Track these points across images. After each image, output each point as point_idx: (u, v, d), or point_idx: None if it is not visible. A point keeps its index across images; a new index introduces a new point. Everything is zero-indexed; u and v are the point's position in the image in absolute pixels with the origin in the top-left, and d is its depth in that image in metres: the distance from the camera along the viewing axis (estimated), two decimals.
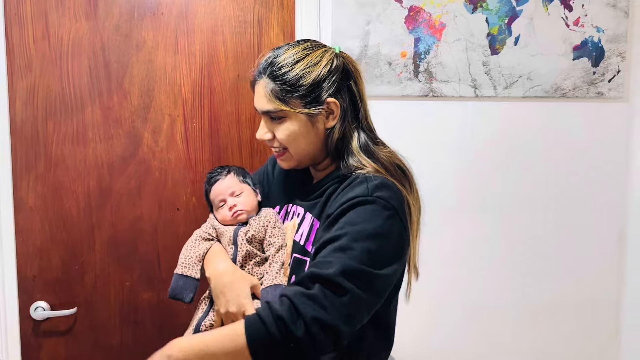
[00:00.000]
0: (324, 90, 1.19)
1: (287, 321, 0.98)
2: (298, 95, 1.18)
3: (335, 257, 1.04)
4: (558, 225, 1.99)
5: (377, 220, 1.08)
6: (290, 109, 1.18)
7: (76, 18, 1.75)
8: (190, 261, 1.27)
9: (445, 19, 1.85)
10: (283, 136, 1.21)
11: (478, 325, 1.99)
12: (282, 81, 1.18)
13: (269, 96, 1.19)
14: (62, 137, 1.77)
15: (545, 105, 1.93)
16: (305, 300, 1.00)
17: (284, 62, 1.19)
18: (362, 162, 1.19)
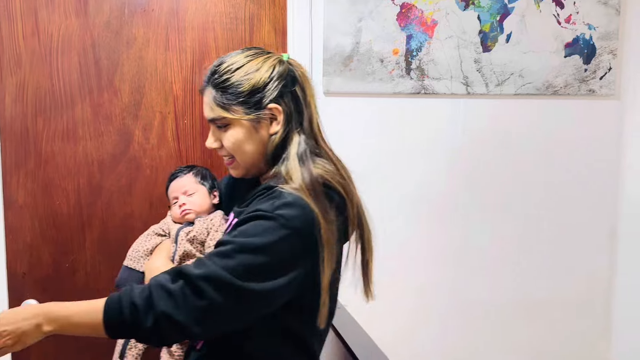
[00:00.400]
0: (265, 96, 1.19)
1: (140, 309, 1.00)
2: (239, 102, 1.18)
3: (212, 261, 1.05)
4: (549, 223, 1.99)
5: (268, 237, 1.07)
6: (232, 116, 1.18)
7: (66, 15, 1.73)
8: (137, 254, 1.30)
9: (437, 16, 1.85)
10: (228, 144, 1.21)
11: (469, 322, 1.99)
12: (223, 88, 1.18)
13: (212, 104, 1.19)
14: (52, 134, 1.76)
15: (536, 102, 1.94)
16: (163, 293, 1.01)
17: (225, 70, 1.19)
18: (291, 171, 1.16)
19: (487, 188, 1.95)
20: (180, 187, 1.37)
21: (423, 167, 1.92)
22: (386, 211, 1.92)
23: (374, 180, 1.90)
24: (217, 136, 1.23)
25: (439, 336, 1.98)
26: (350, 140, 1.87)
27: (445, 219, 1.95)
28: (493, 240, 1.98)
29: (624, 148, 2.00)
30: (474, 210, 1.96)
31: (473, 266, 1.98)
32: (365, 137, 1.88)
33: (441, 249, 1.96)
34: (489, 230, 1.97)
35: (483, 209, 1.96)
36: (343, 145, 1.85)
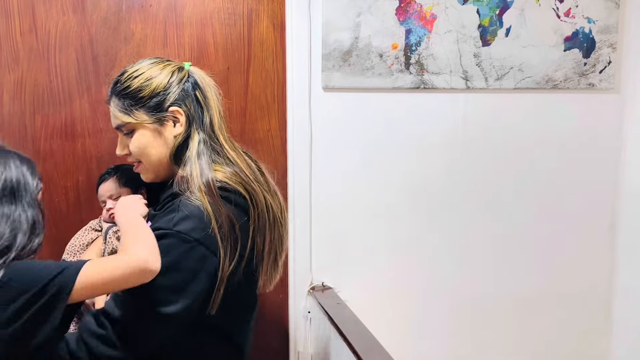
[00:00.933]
0: (166, 99, 1.25)
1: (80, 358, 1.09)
2: (140, 106, 1.24)
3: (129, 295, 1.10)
4: (549, 216, 1.99)
5: (172, 256, 1.12)
6: (135, 120, 1.24)
7: (63, 11, 1.72)
8: (74, 249, 1.37)
9: (436, 10, 1.84)
10: (134, 148, 1.26)
11: (469, 318, 2.00)
12: (125, 95, 1.25)
13: (116, 112, 1.27)
14: (51, 131, 1.75)
15: (536, 96, 1.93)
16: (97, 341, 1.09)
17: (126, 78, 1.26)
18: (192, 173, 1.20)
19: (486, 182, 1.95)
20: (106, 192, 1.46)
21: (422, 161, 1.91)
22: (385, 206, 1.91)
23: (372, 176, 1.90)
24: (124, 143, 1.29)
25: (440, 333, 1.98)
26: (349, 135, 1.87)
27: (445, 214, 1.95)
28: (492, 235, 1.98)
29: (624, 141, 2.00)
30: (473, 205, 1.96)
31: (473, 262, 1.98)
32: (365, 132, 1.88)
33: (440, 244, 1.96)
34: (489, 224, 1.97)
35: (483, 204, 1.96)
36: (342, 141, 1.86)
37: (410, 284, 1.95)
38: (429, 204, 1.93)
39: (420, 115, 1.89)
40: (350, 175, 1.88)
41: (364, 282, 1.91)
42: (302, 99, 1.84)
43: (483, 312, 2.00)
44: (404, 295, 1.94)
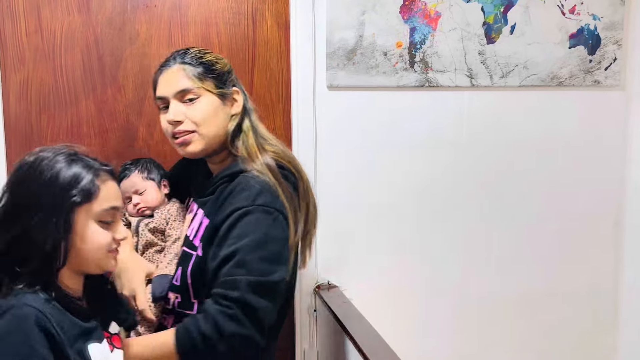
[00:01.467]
0: (230, 79, 1.34)
1: (212, 337, 1.12)
2: (212, 76, 1.30)
3: (238, 275, 1.15)
4: (554, 214, 1.99)
5: (262, 228, 1.18)
6: (206, 88, 1.28)
7: (69, 11, 1.73)
8: None
9: (440, 8, 1.84)
10: (198, 114, 1.27)
11: (474, 316, 1.99)
12: (198, 63, 1.29)
13: (185, 76, 1.28)
14: (57, 132, 1.76)
15: (541, 94, 1.93)
16: (227, 320, 1.13)
17: (197, 51, 1.33)
18: (251, 154, 1.29)
19: (491, 180, 1.95)
20: (130, 187, 1.44)
21: (427, 160, 1.91)
22: (390, 205, 1.91)
23: (376, 174, 1.90)
24: (181, 111, 1.28)
25: (444, 331, 1.98)
26: (354, 134, 1.87)
27: (450, 212, 1.95)
28: (497, 233, 1.98)
29: (630, 138, 1.99)
30: (478, 203, 1.95)
31: (477, 260, 1.98)
32: (369, 130, 1.88)
33: (445, 243, 1.95)
34: (493, 223, 1.97)
35: (487, 202, 1.96)
36: (347, 139, 1.87)
37: (415, 283, 1.95)
38: (434, 203, 1.93)
39: (424, 114, 1.89)
40: (355, 174, 1.89)
41: (369, 280, 1.91)
42: (306, 98, 1.84)
43: (488, 311, 2.00)
44: (409, 293, 1.94)
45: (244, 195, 1.21)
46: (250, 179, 1.24)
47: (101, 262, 1.04)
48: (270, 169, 1.26)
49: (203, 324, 1.13)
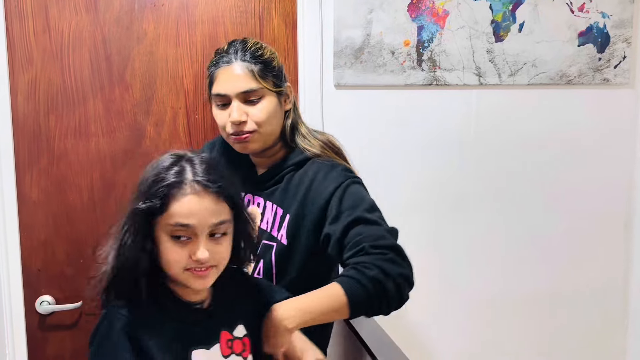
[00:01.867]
0: (284, 75, 1.35)
1: (381, 280, 1.15)
2: (272, 74, 1.30)
3: (379, 230, 1.23)
4: (564, 214, 1.98)
5: (366, 195, 1.30)
6: (269, 88, 1.29)
7: (76, 11, 1.73)
8: None
9: (448, 6, 1.83)
10: (262, 114, 1.29)
11: (484, 316, 1.99)
12: (260, 61, 1.28)
13: (250, 77, 1.27)
14: (65, 131, 1.76)
15: (550, 92, 1.92)
16: (388, 263, 1.18)
17: (256, 46, 1.31)
18: (312, 144, 1.36)
19: (499, 179, 1.94)
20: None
21: (435, 158, 1.90)
22: (397, 204, 1.90)
23: (384, 173, 1.89)
24: (244, 111, 1.29)
25: (454, 331, 1.98)
26: (362, 133, 1.87)
27: (458, 212, 1.94)
28: (505, 233, 1.97)
29: (639, 137, 1.97)
30: (486, 203, 1.94)
31: (486, 260, 1.97)
32: (377, 129, 1.87)
33: (453, 242, 1.95)
34: (502, 222, 1.96)
35: (496, 201, 1.95)
36: (354, 138, 1.86)
37: (423, 282, 1.93)
38: (442, 202, 1.93)
39: (432, 112, 1.89)
40: (362, 173, 1.85)
41: None
42: (313, 97, 1.84)
43: (497, 310, 1.99)
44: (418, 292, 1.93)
45: (334, 175, 1.29)
46: (325, 162, 1.33)
47: (180, 278, 1.00)
48: (331, 149, 1.37)
49: (369, 271, 1.15)
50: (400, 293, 1.19)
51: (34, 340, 1.81)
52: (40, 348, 1.81)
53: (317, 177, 1.30)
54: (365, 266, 1.17)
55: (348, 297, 1.14)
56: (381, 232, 1.23)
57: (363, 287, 1.14)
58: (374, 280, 1.15)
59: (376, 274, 1.15)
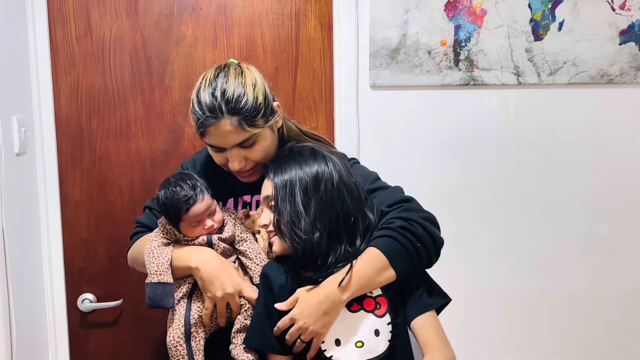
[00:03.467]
0: (269, 99, 1.32)
1: (407, 227, 1.22)
2: (260, 115, 1.28)
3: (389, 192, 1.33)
4: (604, 214, 1.94)
5: (366, 169, 1.45)
6: (260, 129, 1.28)
7: (117, 14, 1.77)
8: (163, 268, 1.28)
9: (486, 5, 1.81)
10: (261, 154, 1.31)
11: (517, 317, 1.96)
12: (246, 110, 1.25)
13: (239, 128, 1.25)
14: (106, 132, 1.80)
15: (591, 91, 1.88)
16: (409, 212, 1.25)
17: (237, 94, 1.25)
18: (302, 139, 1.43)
19: (539, 180, 1.91)
20: (205, 210, 1.32)
21: (473, 160, 1.88)
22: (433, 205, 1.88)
23: (422, 174, 1.88)
24: (242, 156, 1.30)
25: (486, 332, 1.95)
26: (398, 133, 1.86)
27: (496, 213, 1.91)
28: (544, 234, 1.93)
29: None
30: (525, 204, 1.92)
31: (524, 261, 1.94)
32: (412, 130, 1.87)
33: (491, 244, 1.92)
34: (540, 223, 1.93)
35: (535, 202, 1.92)
36: (390, 139, 1.86)
37: (457, 284, 1.92)
38: (479, 203, 1.90)
39: (470, 113, 1.87)
40: (399, 174, 1.85)
41: None
42: (349, 97, 1.84)
43: (532, 313, 1.96)
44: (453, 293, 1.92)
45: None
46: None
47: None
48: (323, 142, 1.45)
49: (393, 224, 1.23)
50: (430, 233, 1.24)
51: (75, 337, 1.85)
52: (81, 345, 1.86)
53: None
54: (388, 222, 1.23)
55: (385, 253, 1.19)
56: (392, 193, 1.31)
57: (393, 239, 1.20)
58: (400, 229, 1.21)
59: (400, 223, 1.22)
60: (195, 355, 1.26)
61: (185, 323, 1.28)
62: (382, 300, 1.23)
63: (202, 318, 1.28)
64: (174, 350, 1.26)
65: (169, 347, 1.27)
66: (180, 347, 1.26)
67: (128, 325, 1.86)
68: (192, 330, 1.27)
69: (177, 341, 1.26)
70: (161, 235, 1.34)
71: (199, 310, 1.29)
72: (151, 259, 1.29)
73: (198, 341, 1.28)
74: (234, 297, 1.27)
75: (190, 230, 1.33)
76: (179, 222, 1.32)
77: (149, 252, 1.31)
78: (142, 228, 1.45)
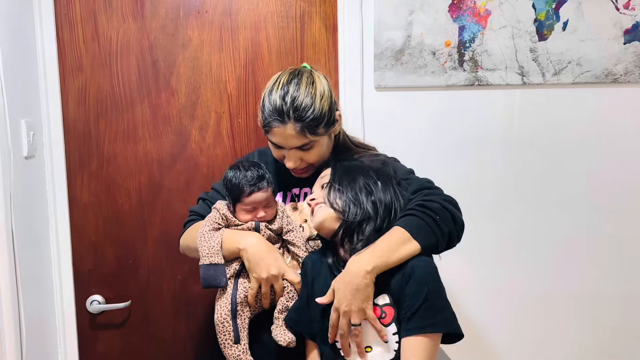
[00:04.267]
0: (333, 109, 1.42)
1: (425, 205, 1.26)
2: (323, 124, 1.38)
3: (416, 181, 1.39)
4: (610, 214, 1.94)
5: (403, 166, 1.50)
6: (320, 137, 1.39)
7: (124, 18, 1.79)
8: (214, 250, 1.35)
9: (490, 6, 1.82)
10: (315, 157, 1.42)
11: (529, 317, 1.96)
12: (310, 119, 1.35)
13: (300, 134, 1.36)
14: (114, 135, 1.81)
15: (596, 91, 1.88)
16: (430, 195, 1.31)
17: (305, 103, 1.35)
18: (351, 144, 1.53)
19: (544, 180, 1.91)
20: (264, 201, 1.41)
21: (478, 160, 1.89)
22: None
23: (427, 174, 1.87)
24: (298, 156, 1.41)
25: (499, 332, 1.96)
26: (402, 134, 1.87)
27: (501, 213, 1.92)
28: (550, 234, 1.94)
29: None
30: (531, 204, 1.92)
31: (531, 261, 1.94)
32: (418, 131, 1.87)
33: (496, 245, 1.93)
34: (547, 223, 1.93)
35: (540, 202, 1.92)
36: (395, 140, 1.86)
37: (467, 284, 1.93)
38: (485, 203, 1.91)
39: (474, 113, 1.87)
40: None
41: None
42: (354, 99, 1.85)
43: (544, 312, 1.96)
44: (460, 294, 1.92)
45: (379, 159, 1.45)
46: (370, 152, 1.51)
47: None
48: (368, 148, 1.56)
49: (413, 204, 1.28)
50: (448, 210, 1.28)
51: (84, 338, 1.86)
52: (90, 346, 1.87)
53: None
54: (411, 204, 1.29)
55: (407, 229, 1.22)
56: (418, 182, 1.37)
57: (414, 216, 1.24)
58: (420, 207, 1.26)
59: (420, 202, 1.27)
60: (241, 332, 1.33)
61: (232, 302, 1.34)
62: (389, 309, 1.22)
63: (247, 298, 1.34)
64: (221, 326, 1.33)
65: (217, 324, 1.33)
66: (227, 324, 1.33)
67: (136, 326, 1.88)
68: (238, 309, 1.34)
69: (225, 318, 1.33)
70: (213, 220, 1.41)
71: (245, 290, 1.35)
72: (203, 242, 1.37)
73: (243, 319, 1.34)
74: (277, 279, 1.33)
75: (243, 214, 1.41)
76: (237, 202, 1.40)
77: (200, 236, 1.39)
78: (195, 216, 1.54)
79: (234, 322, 1.33)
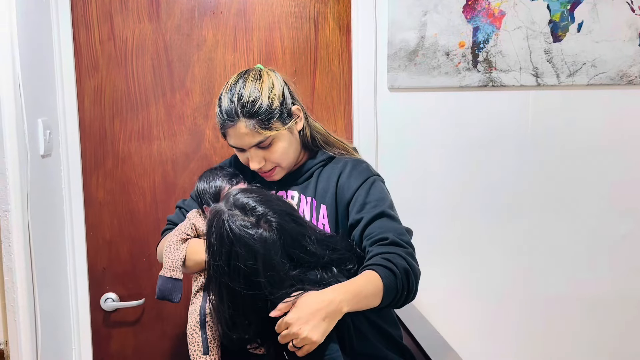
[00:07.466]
0: (287, 103, 1.39)
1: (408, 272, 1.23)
2: (276, 117, 1.36)
3: (400, 226, 1.32)
4: (625, 215, 1.93)
5: (385, 191, 1.39)
6: (276, 131, 1.36)
7: (139, 19, 1.80)
8: (176, 264, 1.35)
9: (504, 6, 1.81)
10: (277, 156, 1.39)
11: (541, 319, 1.95)
12: (260, 113, 1.34)
13: (253, 131, 1.34)
14: (129, 135, 1.83)
15: (611, 92, 1.88)
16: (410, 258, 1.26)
17: (252, 99, 1.34)
18: (332, 146, 1.48)
19: (558, 181, 1.91)
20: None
21: (492, 161, 1.89)
22: (454, 207, 1.90)
23: (440, 175, 1.88)
24: (260, 156, 1.39)
25: (510, 334, 1.95)
26: (416, 135, 1.87)
27: (516, 214, 1.91)
28: (564, 236, 1.93)
29: None
30: (545, 205, 1.91)
31: (544, 262, 1.93)
32: (431, 131, 1.87)
33: (511, 245, 1.92)
34: (561, 224, 1.92)
35: (555, 204, 1.91)
36: (409, 141, 1.86)
37: (480, 284, 1.93)
38: (498, 204, 1.91)
39: (488, 114, 1.87)
40: (418, 176, 1.88)
41: (433, 282, 1.89)
42: (367, 99, 1.85)
43: (556, 314, 1.95)
44: (474, 295, 1.92)
45: (360, 169, 1.40)
46: (349, 159, 1.44)
47: None
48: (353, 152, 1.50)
49: (400, 262, 1.23)
50: (416, 287, 1.26)
51: (98, 335, 1.88)
52: (104, 343, 1.89)
53: (345, 170, 1.40)
54: (395, 257, 1.23)
55: (384, 284, 1.19)
56: (402, 229, 1.32)
57: (395, 276, 1.20)
58: (404, 271, 1.22)
59: (405, 265, 1.23)
60: (210, 343, 1.32)
61: (200, 313, 1.33)
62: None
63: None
64: (190, 337, 1.33)
65: (187, 335, 1.33)
66: (195, 335, 1.32)
67: (150, 324, 1.89)
68: (207, 320, 1.33)
69: (194, 329, 1.32)
70: (182, 230, 1.40)
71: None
72: (167, 254, 1.37)
73: (214, 331, 1.32)
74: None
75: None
76: (202, 201, 1.42)
77: (167, 246, 1.38)
78: (171, 225, 1.53)
79: (202, 333, 1.32)
